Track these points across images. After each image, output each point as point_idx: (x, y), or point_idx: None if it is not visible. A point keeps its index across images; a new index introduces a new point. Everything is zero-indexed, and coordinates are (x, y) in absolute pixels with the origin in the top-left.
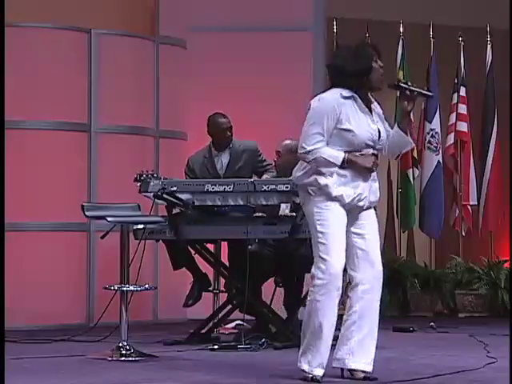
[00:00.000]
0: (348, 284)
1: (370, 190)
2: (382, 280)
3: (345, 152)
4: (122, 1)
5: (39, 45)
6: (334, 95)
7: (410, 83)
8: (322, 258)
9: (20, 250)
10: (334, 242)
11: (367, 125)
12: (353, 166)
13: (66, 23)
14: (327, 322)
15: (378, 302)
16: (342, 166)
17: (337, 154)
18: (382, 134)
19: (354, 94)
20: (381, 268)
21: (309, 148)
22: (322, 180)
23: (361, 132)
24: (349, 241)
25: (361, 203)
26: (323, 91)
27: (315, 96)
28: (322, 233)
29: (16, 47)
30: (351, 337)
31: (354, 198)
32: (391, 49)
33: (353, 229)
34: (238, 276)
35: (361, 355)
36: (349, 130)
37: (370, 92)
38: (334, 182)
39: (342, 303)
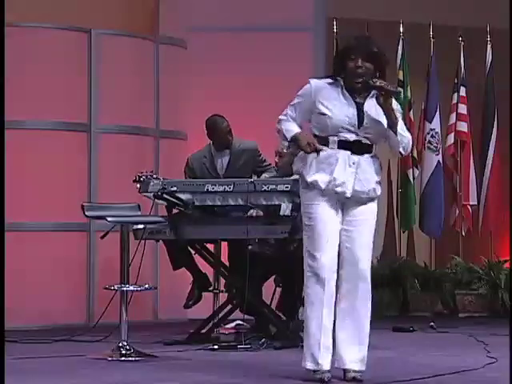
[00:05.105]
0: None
1: (354, 177)
2: (367, 279)
3: (301, 131)
4: (122, 1)
5: (39, 45)
6: (319, 80)
7: (377, 81)
8: (308, 251)
9: (20, 250)
10: (318, 235)
11: (346, 110)
12: (297, 143)
13: (66, 23)
14: (314, 315)
15: (364, 301)
16: (290, 141)
17: (292, 129)
18: (365, 122)
19: (339, 79)
20: (365, 267)
21: (279, 117)
22: (302, 168)
23: (336, 116)
24: (340, 238)
25: (339, 189)
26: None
27: None
28: (307, 226)
29: (16, 47)
30: (337, 336)
31: (329, 183)
32: (391, 49)
33: (343, 225)
34: (238, 276)
35: (347, 354)
36: (323, 114)
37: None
38: (310, 169)
39: None
